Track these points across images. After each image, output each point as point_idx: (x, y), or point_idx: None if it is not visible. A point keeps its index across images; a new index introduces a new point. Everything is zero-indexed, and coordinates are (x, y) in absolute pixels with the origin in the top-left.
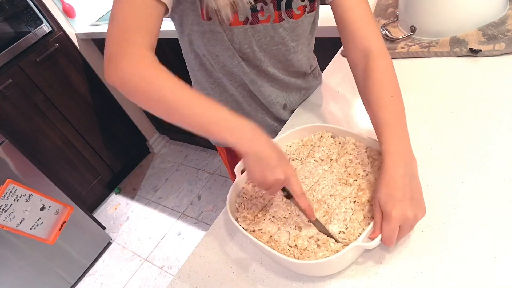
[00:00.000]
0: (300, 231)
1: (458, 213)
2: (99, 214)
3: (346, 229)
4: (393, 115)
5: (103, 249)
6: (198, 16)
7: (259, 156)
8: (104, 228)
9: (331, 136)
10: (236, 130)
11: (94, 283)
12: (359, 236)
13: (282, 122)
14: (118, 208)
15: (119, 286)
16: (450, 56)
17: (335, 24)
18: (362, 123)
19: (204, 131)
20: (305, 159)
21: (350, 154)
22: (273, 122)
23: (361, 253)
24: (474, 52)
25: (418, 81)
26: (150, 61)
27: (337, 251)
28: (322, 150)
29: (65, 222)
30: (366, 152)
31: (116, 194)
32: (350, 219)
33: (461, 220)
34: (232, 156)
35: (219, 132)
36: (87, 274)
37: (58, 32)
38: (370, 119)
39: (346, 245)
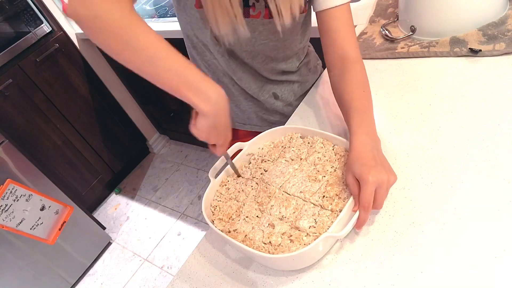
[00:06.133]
0: (273, 228)
1: (458, 213)
2: (99, 214)
3: (316, 223)
4: (363, 105)
5: (103, 249)
6: (192, 3)
7: (214, 121)
8: (104, 228)
9: (300, 136)
10: (203, 91)
11: (94, 283)
12: (328, 228)
13: (275, 112)
14: (118, 208)
15: (119, 286)
16: (450, 56)
17: None
18: None
19: (171, 89)
20: (276, 159)
21: (318, 152)
22: (263, 112)
23: (333, 243)
24: (474, 52)
25: (418, 81)
26: (128, 4)
27: (309, 244)
28: (292, 150)
29: (65, 222)
30: (333, 149)
31: (116, 194)
32: (319, 213)
33: (461, 220)
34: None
35: (187, 92)
36: (87, 274)
37: (58, 32)
38: (342, 108)
39: (317, 237)
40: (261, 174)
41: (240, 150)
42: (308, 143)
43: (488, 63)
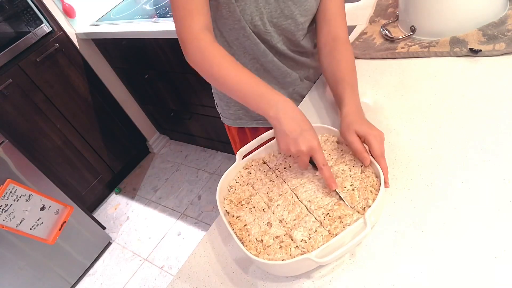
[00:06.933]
0: (270, 228)
1: (458, 213)
2: (99, 214)
3: (309, 239)
4: (354, 81)
5: (103, 249)
6: None
7: (283, 129)
8: (104, 228)
9: (337, 141)
10: (268, 105)
11: (94, 283)
12: (317, 248)
13: (299, 96)
14: (118, 208)
15: (119, 286)
16: (450, 56)
17: None
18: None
19: (246, 103)
20: None
21: (346, 164)
22: (288, 97)
23: (315, 266)
24: (474, 52)
25: (418, 81)
26: (206, 42)
27: (294, 257)
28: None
29: (65, 222)
30: (361, 167)
31: (116, 194)
32: (316, 230)
33: (461, 220)
34: (241, 137)
35: (255, 105)
36: (87, 274)
37: (58, 32)
38: (333, 80)
39: (303, 253)
40: (284, 168)
41: (273, 138)
42: (341, 150)
43: (488, 63)
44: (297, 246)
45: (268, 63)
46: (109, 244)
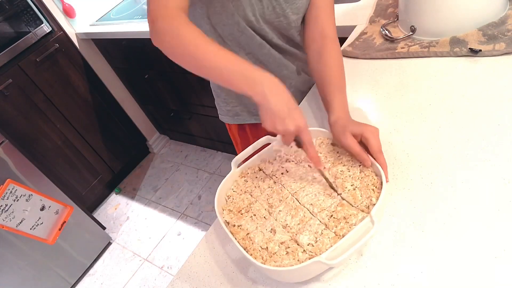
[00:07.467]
0: (274, 235)
1: (458, 213)
2: (99, 214)
3: (315, 242)
4: (342, 84)
5: (103, 249)
6: None
7: (270, 108)
8: (104, 228)
9: (332, 143)
10: (253, 82)
11: (94, 283)
12: (326, 251)
13: (297, 90)
14: (118, 208)
15: (119, 286)
16: (450, 56)
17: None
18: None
19: (227, 83)
20: (300, 162)
21: (344, 165)
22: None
23: (326, 268)
24: (474, 52)
25: (418, 81)
26: (181, 21)
27: (302, 262)
28: (319, 156)
29: (65, 222)
30: (360, 166)
31: (116, 194)
32: (322, 233)
33: (461, 220)
34: (241, 135)
35: (238, 83)
36: (87, 274)
37: (58, 32)
38: (319, 82)
39: (311, 257)
40: (282, 174)
41: (268, 144)
42: (337, 152)
43: (488, 63)
44: (304, 250)
45: (264, 56)
46: (109, 244)
